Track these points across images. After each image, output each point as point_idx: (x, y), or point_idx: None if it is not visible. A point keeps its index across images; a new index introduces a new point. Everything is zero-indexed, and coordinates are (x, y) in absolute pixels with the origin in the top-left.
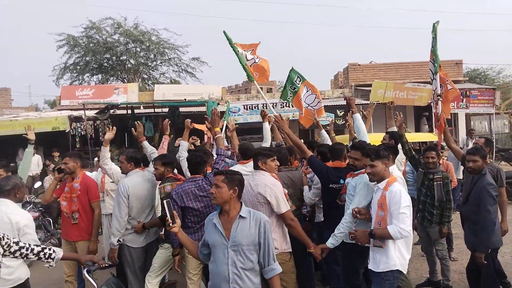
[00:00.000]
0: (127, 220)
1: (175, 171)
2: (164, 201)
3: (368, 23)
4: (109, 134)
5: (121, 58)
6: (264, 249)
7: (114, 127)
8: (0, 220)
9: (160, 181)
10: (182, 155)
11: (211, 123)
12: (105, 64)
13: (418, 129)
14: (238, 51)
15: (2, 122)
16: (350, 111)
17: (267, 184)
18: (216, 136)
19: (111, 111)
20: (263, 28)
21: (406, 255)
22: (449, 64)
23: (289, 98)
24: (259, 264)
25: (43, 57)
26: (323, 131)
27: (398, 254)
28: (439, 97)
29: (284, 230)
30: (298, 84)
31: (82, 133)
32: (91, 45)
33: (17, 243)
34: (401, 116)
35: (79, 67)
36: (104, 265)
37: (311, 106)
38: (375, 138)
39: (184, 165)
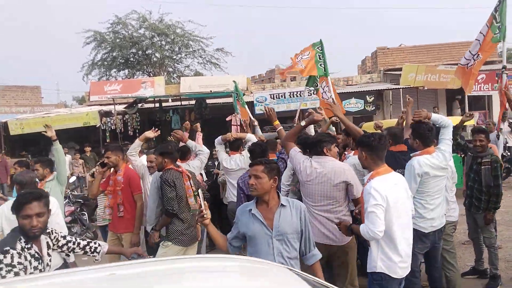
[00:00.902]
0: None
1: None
2: (199, 191)
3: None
4: (150, 133)
5: (146, 52)
6: (305, 236)
7: (159, 131)
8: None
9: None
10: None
11: (269, 118)
12: (131, 59)
13: (450, 113)
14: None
15: (35, 119)
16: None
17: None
18: (278, 129)
19: (139, 105)
20: (286, 13)
21: (394, 256)
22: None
23: (314, 86)
24: (300, 252)
25: (70, 55)
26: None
27: (381, 256)
28: (503, 69)
29: None
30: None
31: (112, 128)
32: (117, 40)
33: (64, 237)
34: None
35: (106, 63)
36: (148, 257)
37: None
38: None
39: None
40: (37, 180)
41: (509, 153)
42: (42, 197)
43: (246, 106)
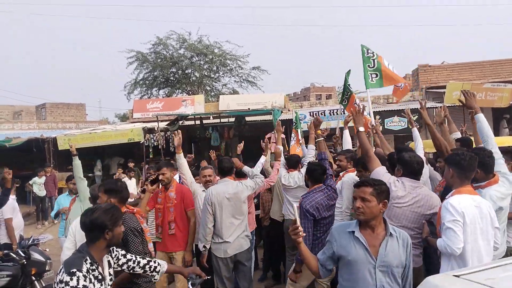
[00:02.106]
0: (211, 228)
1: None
2: (295, 205)
3: (438, 22)
4: (177, 140)
5: (186, 72)
6: (406, 273)
7: (180, 131)
8: None
9: None
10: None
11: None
12: (172, 78)
13: (497, 133)
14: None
15: (82, 135)
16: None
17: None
18: (319, 140)
19: (180, 122)
20: (322, 32)
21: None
22: None
23: (344, 103)
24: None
25: (112, 73)
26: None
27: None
28: None
29: None
30: (374, 56)
31: (155, 144)
32: (158, 60)
33: (124, 255)
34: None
35: (147, 82)
36: (206, 278)
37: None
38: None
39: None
40: None
41: None
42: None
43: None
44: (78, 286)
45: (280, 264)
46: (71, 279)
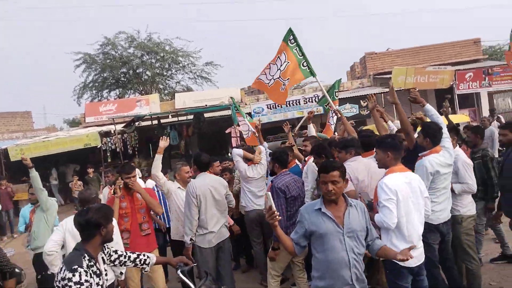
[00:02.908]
0: (197, 220)
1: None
2: (267, 193)
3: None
4: (163, 142)
5: (137, 71)
6: (370, 232)
7: (167, 138)
8: None
9: None
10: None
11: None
12: (122, 79)
13: (440, 112)
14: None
15: (35, 144)
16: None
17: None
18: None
19: (137, 123)
20: (270, 25)
21: (402, 246)
22: (467, 44)
23: (326, 106)
24: (367, 245)
25: (55, 77)
26: (311, 125)
27: (390, 246)
28: None
29: None
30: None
31: (112, 147)
32: (107, 61)
33: (116, 252)
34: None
35: (97, 84)
36: (193, 265)
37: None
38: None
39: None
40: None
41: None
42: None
43: (247, 117)
44: (81, 281)
45: (250, 252)
46: (74, 275)
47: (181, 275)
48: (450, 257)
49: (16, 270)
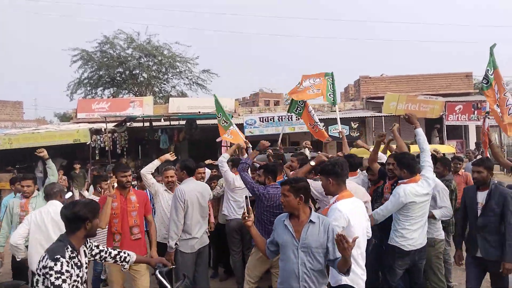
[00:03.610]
0: (182, 224)
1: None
2: (244, 196)
3: (378, 37)
4: (169, 156)
5: (133, 72)
6: (332, 251)
7: (174, 154)
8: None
9: None
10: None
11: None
12: (118, 78)
13: (429, 141)
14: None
15: (24, 135)
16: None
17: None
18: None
19: (128, 124)
20: (271, 42)
21: (357, 270)
22: (459, 77)
23: (296, 111)
24: (329, 262)
25: (50, 71)
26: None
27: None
28: (487, 114)
29: None
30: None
31: (101, 145)
32: (105, 59)
33: (97, 247)
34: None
35: (92, 81)
36: (171, 267)
37: (318, 124)
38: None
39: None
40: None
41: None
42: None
43: (236, 128)
44: (61, 271)
45: (229, 261)
46: (55, 264)
47: (159, 276)
48: (420, 282)
49: None
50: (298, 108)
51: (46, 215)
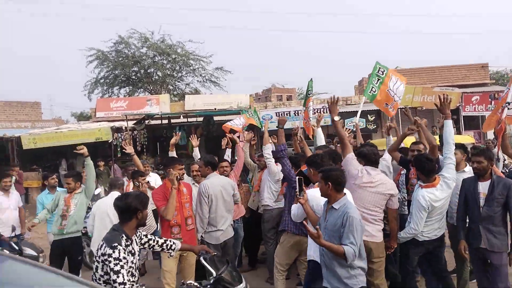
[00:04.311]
0: (208, 218)
1: None
2: (297, 178)
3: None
4: (173, 139)
5: (148, 71)
6: (344, 236)
7: (179, 133)
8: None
9: None
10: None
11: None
12: (133, 77)
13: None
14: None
15: (47, 134)
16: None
17: (392, 182)
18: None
19: (146, 121)
20: (281, 36)
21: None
22: (475, 67)
23: (370, 93)
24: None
25: (65, 72)
26: (319, 129)
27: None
28: (508, 104)
29: None
30: (383, 75)
31: (123, 143)
32: (120, 59)
33: (146, 236)
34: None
35: (108, 81)
36: (214, 254)
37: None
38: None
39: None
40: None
41: (507, 170)
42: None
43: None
44: (119, 257)
45: (257, 252)
46: (114, 252)
47: (203, 261)
48: (442, 267)
49: (34, 253)
50: (373, 89)
51: (108, 205)
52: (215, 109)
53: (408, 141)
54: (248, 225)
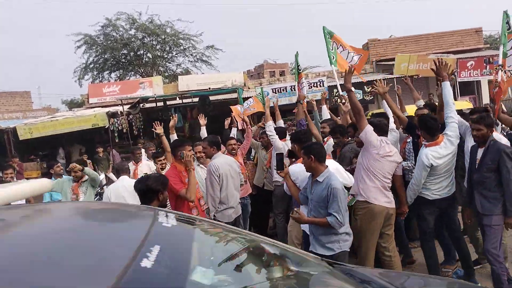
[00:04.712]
0: (219, 197)
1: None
2: (275, 153)
3: None
4: (172, 122)
5: (138, 53)
6: (329, 206)
7: (176, 115)
8: (126, 189)
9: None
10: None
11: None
12: (123, 60)
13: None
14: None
15: (43, 123)
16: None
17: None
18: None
19: (141, 105)
20: (269, 7)
21: None
22: (468, 33)
23: (334, 62)
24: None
25: (50, 58)
26: (324, 106)
27: None
28: (500, 66)
29: None
30: (331, 42)
31: (119, 128)
32: (108, 42)
33: None
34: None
35: (98, 66)
36: None
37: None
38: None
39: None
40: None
41: (505, 133)
42: None
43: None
44: None
45: (266, 228)
46: None
47: None
48: (456, 228)
49: None
50: (333, 57)
51: (122, 188)
52: (209, 88)
53: (411, 110)
54: (255, 203)
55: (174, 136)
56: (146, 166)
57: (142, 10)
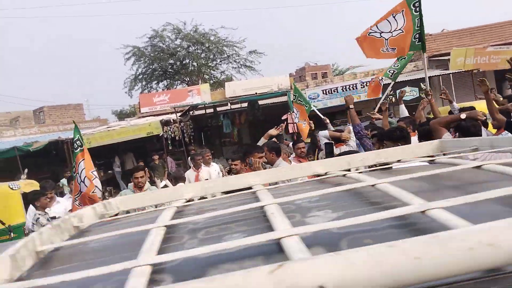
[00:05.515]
0: None
1: None
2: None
3: None
4: (274, 131)
5: (183, 62)
6: None
7: (282, 125)
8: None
9: None
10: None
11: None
12: (170, 70)
13: (500, 93)
14: None
15: (100, 133)
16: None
17: None
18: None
19: (191, 112)
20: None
21: None
22: None
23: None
24: None
25: (97, 71)
26: (402, 105)
27: None
28: None
29: None
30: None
31: (172, 136)
32: (156, 53)
33: None
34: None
35: (146, 76)
36: None
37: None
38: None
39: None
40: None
41: None
42: None
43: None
44: None
45: None
46: None
47: None
48: None
49: None
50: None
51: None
52: (256, 93)
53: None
54: None
55: (263, 141)
56: (205, 172)
57: (186, 20)
